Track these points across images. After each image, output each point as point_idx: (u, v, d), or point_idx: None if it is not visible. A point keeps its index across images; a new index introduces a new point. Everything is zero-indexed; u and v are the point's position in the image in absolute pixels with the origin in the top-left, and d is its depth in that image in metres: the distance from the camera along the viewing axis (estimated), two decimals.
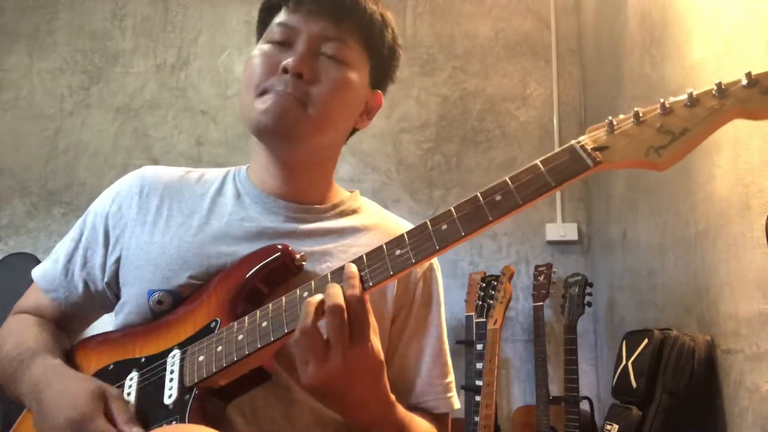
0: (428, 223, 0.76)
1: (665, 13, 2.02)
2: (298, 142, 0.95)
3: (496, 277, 2.59)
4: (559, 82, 3.12)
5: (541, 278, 2.61)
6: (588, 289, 2.47)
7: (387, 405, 0.84)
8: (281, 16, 0.97)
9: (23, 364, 0.92)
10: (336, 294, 0.75)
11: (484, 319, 2.53)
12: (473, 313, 2.63)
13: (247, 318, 0.83)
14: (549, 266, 2.64)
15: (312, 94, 0.93)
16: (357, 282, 0.76)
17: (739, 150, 1.52)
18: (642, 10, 2.24)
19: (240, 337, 0.81)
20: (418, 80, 3.15)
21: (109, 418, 0.82)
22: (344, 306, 0.74)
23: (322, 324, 0.75)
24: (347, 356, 0.75)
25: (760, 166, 1.43)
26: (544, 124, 3.09)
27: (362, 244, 0.98)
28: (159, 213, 0.99)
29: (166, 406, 0.82)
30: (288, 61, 0.92)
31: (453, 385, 1.03)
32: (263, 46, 0.97)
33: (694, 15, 1.82)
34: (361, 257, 0.79)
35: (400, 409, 0.87)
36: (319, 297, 0.76)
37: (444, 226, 0.75)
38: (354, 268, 0.77)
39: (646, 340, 1.80)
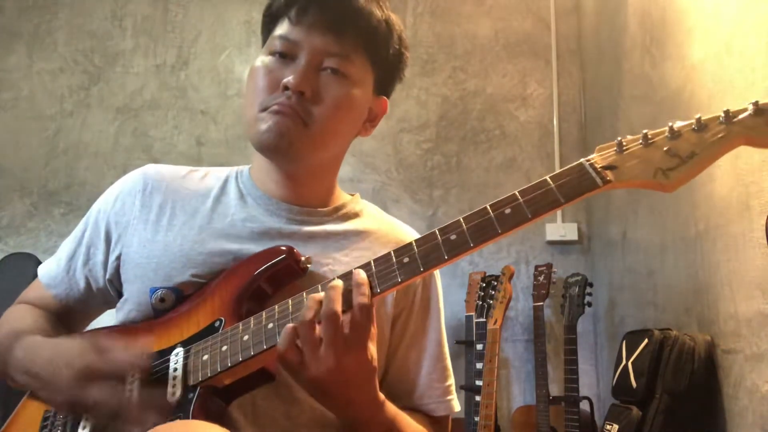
0: (437, 232, 0.77)
1: (665, 12, 2.02)
2: (299, 158, 0.95)
3: (496, 277, 2.59)
4: (559, 82, 3.12)
5: (541, 278, 2.61)
6: (588, 289, 2.47)
7: (374, 405, 0.84)
8: (283, 28, 0.95)
9: (10, 347, 0.93)
10: (333, 299, 0.74)
11: (484, 319, 2.54)
12: (473, 313, 2.63)
13: (252, 319, 0.83)
14: (549, 266, 2.64)
15: (314, 113, 0.92)
16: (367, 290, 0.75)
17: (739, 150, 1.51)
18: (642, 10, 2.25)
19: (245, 337, 0.81)
20: (418, 80, 3.15)
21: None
22: (339, 313, 0.74)
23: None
24: (341, 361, 0.75)
25: (760, 166, 1.43)
26: (544, 124, 3.09)
27: (364, 248, 0.99)
28: (162, 211, 0.99)
29: (169, 404, 0.82)
30: (289, 79, 0.91)
31: (453, 389, 1.03)
32: (265, 58, 0.96)
33: (694, 14, 1.82)
34: (369, 263, 0.79)
35: (389, 409, 0.87)
36: (322, 295, 0.76)
37: (453, 236, 0.75)
38: (364, 275, 0.77)
39: (646, 340, 1.81)
